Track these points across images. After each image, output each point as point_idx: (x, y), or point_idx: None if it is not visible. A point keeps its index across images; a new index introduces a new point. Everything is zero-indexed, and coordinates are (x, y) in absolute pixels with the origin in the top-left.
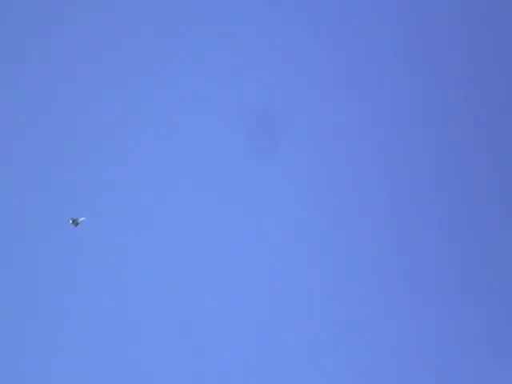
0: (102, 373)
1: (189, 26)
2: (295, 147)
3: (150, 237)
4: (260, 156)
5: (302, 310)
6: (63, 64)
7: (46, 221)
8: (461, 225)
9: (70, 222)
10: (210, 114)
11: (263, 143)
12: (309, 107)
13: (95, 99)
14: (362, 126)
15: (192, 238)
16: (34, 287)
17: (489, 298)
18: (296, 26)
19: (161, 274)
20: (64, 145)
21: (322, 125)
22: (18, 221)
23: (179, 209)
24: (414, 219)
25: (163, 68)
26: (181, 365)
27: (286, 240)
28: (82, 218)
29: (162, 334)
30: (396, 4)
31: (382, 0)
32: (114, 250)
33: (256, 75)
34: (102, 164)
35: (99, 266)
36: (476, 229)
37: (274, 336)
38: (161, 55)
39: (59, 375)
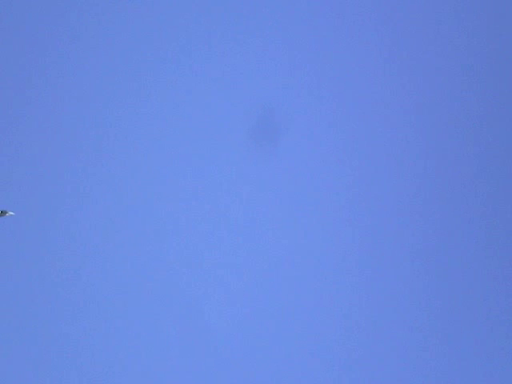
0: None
1: (188, 25)
2: (296, 146)
3: (149, 236)
4: (261, 154)
5: (303, 311)
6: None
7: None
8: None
9: None
10: (210, 114)
11: (264, 141)
12: (310, 106)
13: (94, 97)
14: (364, 125)
15: (191, 238)
16: (34, 283)
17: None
18: (296, 25)
19: (160, 274)
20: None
21: (323, 124)
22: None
23: (179, 208)
24: (414, 218)
25: (162, 67)
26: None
27: (287, 240)
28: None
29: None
30: (397, 4)
31: (383, 0)
32: (114, 250)
33: (256, 74)
34: (100, 164)
35: (99, 265)
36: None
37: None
38: (160, 54)
39: (58, 375)
